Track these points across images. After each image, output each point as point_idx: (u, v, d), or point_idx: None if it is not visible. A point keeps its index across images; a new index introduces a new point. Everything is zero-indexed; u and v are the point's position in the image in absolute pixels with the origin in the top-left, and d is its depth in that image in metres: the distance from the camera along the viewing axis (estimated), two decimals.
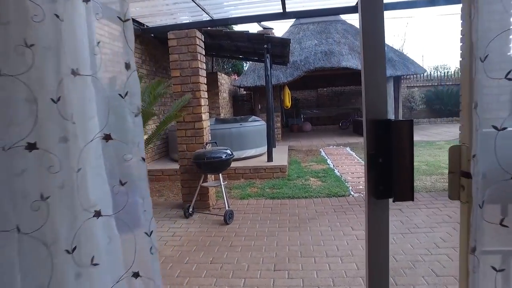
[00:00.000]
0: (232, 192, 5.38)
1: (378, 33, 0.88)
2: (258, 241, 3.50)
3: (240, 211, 4.48)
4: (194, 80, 4.40)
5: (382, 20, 0.88)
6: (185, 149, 4.57)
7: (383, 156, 0.85)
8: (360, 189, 5.18)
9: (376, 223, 0.93)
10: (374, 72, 0.88)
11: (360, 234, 3.53)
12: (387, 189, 0.86)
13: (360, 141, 10.02)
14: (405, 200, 0.84)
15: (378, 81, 0.88)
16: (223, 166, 4.17)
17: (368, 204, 0.90)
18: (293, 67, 10.39)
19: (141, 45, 6.80)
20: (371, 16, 0.86)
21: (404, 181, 0.83)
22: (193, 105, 4.46)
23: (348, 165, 7.01)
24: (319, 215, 4.15)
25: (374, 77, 0.88)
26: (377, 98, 0.89)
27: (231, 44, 7.38)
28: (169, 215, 4.45)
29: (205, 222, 4.13)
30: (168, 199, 5.26)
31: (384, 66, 0.89)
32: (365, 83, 0.88)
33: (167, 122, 3.99)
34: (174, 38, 4.38)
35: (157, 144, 7.53)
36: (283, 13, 4.54)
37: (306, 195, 4.97)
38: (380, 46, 0.88)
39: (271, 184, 5.71)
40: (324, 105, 16.22)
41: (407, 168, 0.83)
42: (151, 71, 7.28)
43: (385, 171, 0.86)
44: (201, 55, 4.52)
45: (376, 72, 0.89)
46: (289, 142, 10.42)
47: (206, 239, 3.61)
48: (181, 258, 3.20)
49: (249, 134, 6.98)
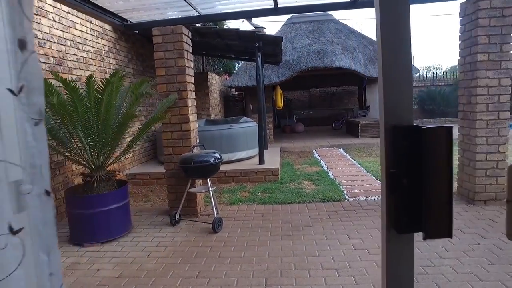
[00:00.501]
0: (222, 196, 5.13)
1: (403, 15, 0.65)
2: (249, 251, 3.26)
3: (230, 217, 4.23)
4: (181, 79, 4.14)
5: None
6: (171, 153, 4.31)
7: (409, 175, 0.63)
8: (355, 193, 4.97)
9: (398, 263, 0.70)
10: (397, 65, 0.65)
11: (357, 243, 3.31)
12: (414, 221, 0.63)
13: (353, 142, 9.84)
14: (440, 237, 0.61)
15: (403, 75, 0.65)
16: (211, 170, 3.92)
17: (387, 238, 0.67)
18: (286, 66, 10.18)
19: (127, 43, 6.51)
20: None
21: (440, 212, 0.61)
22: (180, 106, 4.20)
23: (342, 167, 6.81)
24: (313, 222, 3.93)
25: (397, 71, 0.65)
26: (400, 98, 0.65)
27: (221, 42, 7.12)
28: (155, 223, 4.19)
29: (192, 231, 3.87)
30: (154, 205, 4.99)
31: (410, 57, 0.67)
32: (384, 79, 0.65)
33: (151, 124, 3.73)
34: (159, 34, 4.12)
35: (145, 146, 7.24)
36: (275, 8, 4.31)
37: (299, 200, 4.75)
38: (406, 29, 0.65)
39: (263, 188, 5.48)
40: (317, 105, 16.07)
41: (444, 194, 0.60)
42: (138, 70, 6.99)
43: (412, 196, 0.63)
44: (188, 53, 4.26)
45: (399, 64, 0.66)
46: (282, 144, 10.20)
47: (192, 250, 3.36)
48: (165, 271, 2.95)
49: (240, 136, 6.74)
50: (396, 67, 0.65)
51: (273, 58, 8.64)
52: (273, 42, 6.76)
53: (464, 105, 4.23)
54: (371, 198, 4.70)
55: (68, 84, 3.07)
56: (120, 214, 3.73)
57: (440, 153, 0.59)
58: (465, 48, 4.15)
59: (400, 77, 0.65)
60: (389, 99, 0.65)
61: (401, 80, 0.65)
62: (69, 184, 4.52)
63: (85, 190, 3.66)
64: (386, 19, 0.65)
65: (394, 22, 0.65)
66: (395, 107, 0.65)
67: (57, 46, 4.38)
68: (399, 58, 0.65)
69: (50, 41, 4.24)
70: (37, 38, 3.99)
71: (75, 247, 3.52)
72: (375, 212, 4.15)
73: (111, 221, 3.64)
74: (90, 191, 3.63)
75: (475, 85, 3.98)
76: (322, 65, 9.79)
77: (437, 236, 0.61)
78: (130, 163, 6.47)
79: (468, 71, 4.11)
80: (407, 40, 0.64)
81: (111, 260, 3.21)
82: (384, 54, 0.65)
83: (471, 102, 4.08)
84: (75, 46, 4.79)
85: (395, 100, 0.65)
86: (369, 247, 3.20)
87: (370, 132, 10.75)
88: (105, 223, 3.60)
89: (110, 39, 5.84)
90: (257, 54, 6.61)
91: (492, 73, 3.92)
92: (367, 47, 10.79)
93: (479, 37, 3.88)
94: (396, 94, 0.64)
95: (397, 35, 0.64)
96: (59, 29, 4.42)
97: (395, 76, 0.65)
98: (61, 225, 4.13)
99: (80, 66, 4.93)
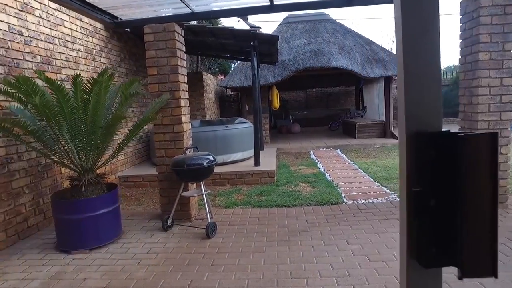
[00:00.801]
0: (216, 200, 4.98)
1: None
2: (243, 258, 3.12)
3: (225, 222, 4.09)
4: (173, 79, 3.99)
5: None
6: (164, 155, 4.15)
7: (438, 195, 0.49)
8: (353, 195, 4.85)
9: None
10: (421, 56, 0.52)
11: (356, 249, 3.18)
12: (444, 252, 0.50)
13: (350, 143, 9.73)
14: (481, 276, 0.48)
15: (430, 69, 0.52)
16: (204, 174, 3.78)
17: (408, 272, 0.53)
18: (282, 66, 10.05)
19: (119, 42, 6.34)
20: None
21: (482, 243, 0.47)
22: (172, 107, 4.05)
23: (340, 168, 6.69)
24: (310, 227, 3.79)
25: (422, 64, 0.52)
26: (426, 98, 0.52)
27: (216, 41, 6.98)
28: (146, 228, 4.03)
29: (185, 236, 3.72)
30: (147, 208, 4.83)
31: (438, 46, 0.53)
32: (405, 74, 0.52)
33: (141, 126, 3.57)
34: (151, 32, 3.97)
35: (138, 147, 7.07)
36: (270, 6, 4.17)
37: (296, 203, 4.61)
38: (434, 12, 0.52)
39: (259, 190, 5.34)
40: (313, 106, 15.96)
41: (487, 220, 0.47)
42: (131, 70, 6.82)
43: (442, 221, 0.49)
44: (181, 52, 4.11)
45: (424, 56, 0.52)
46: (278, 144, 10.07)
47: (185, 257, 3.21)
48: (155, 281, 2.80)
49: (236, 137, 6.59)
50: (420, 59, 0.52)
51: (269, 58, 8.50)
52: (268, 41, 6.63)
53: (465, 105, 4.12)
54: (369, 201, 4.58)
55: (53, 83, 2.92)
56: (109, 219, 3.57)
57: (482, 167, 0.45)
58: (465, 47, 4.04)
59: (425, 72, 0.52)
60: (411, 99, 0.51)
61: (427, 75, 0.51)
62: (58, 187, 4.35)
63: (72, 194, 3.51)
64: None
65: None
66: (420, 108, 0.51)
67: (45, 44, 4.22)
68: (424, 47, 0.52)
69: (37, 39, 4.08)
70: (22, 35, 3.82)
71: (62, 255, 3.36)
72: (374, 216, 4.02)
73: (100, 227, 3.49)
74: (78, 195, 3.47)
75: (476, 85, 3.87)
76: (318, 65, 9.66)
77: (477, 274, 0.47)
78: (123, 165, 6.31)
79: (469, 71, 4.00)
80: (435, 23, 0.51)
81: (99, 268, 3.05)
82: (405, 42, 0.52)
83: (472, 102, 3.97)
84: (64, 45, 4.62)
85: (419, 100, 0.51)
86: (369, 254, 3.07)
87: (367, 133, 10.65)
88: (93, 229, 3.44)
89: (101, 37, 5.68)
90: (253, 53, 6.47)
91: (493, 72, 3.82)
92: (364, 47, 10.69)
93: (480, 35, 3.77)
94: (421, 92, 0.51)
95: (422, 16, 0.51)
96: (46, 26, 4.26)
97: (419, 71, 0.51)
98: (48, 231, 3.97)
99: (70, 65, 4.77)
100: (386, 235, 3.44)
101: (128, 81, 3.78)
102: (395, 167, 6.46)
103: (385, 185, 5.26)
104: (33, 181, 3.94)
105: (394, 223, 3.76)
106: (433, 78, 0.52)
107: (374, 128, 10.73)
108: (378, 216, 3.99)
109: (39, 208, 4.03)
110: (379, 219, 3.89)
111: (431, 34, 0.51)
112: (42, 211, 4.08)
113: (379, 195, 4.78)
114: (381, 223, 3.79)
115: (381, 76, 10.10)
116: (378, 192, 4.94)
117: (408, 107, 0.52)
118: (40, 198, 4.05)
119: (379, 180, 5.60)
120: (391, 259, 2.95)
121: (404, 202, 0.52)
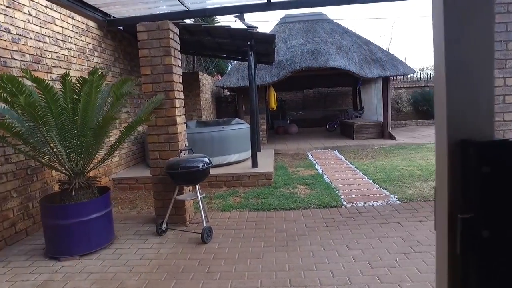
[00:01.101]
0: (212, 202, 4.86)
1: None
2: (240, 265, 3.00)
3: (221, 226, 3.97)
4: (167, 79, 3.87)
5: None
6: (158, 157, 4.03)
7: (493, 224, 0.38)
8: (353, 198, 4.74)
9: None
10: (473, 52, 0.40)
11: (357, 254, 3.07)
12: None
13: (348, 144, 9.64)
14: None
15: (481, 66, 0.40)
16: (199, 176, 3.65)
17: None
18: (279, 67, 9.94)
19: (113, 41, 6.21)
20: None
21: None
22: (166, 107, 3.92)
23: (338, 170, 6.59)
24: (309, 231, 3.68)
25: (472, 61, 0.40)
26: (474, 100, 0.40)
27: (212, 41, 6.85)
28: (140, 232, 3.90)
29: (180, 241, 3.60)
30: (141, 212, 4.70)
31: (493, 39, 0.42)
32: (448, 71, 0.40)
33: (134, 127, 3.44)
34: (144, 30, 3.85)
35: (133, 149, 6.93)
36: (268, 3, 4.05)
37: (294, 206, 4.50)
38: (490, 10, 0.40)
39: (256, 193, 5.22)
40: (311, 106, 15.86)
41: None
42: (125, 70, 6.68)
43: (499, 258, 0.38)
44: (175, 51, 3.99)
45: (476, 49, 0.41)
46: (275, 145, 9.96)
47: (179, 264, 3.09)
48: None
49: (232, 138, 6.47)
50: (468, 50, 0.40)
51: (266, 58, 8.39)
52: (266, 40, 6.52)
53: None
54: (369, 204, 4.47)
55: (40, 82, 2.78)
56: (101, 224, 3.44)
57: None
58: None
59: (474, 67, 0.40)
60: (455, 100, 0.40)
61: (477, 70, 0.40)
62: (49, 191, 4.21)
63: (62, 198, 3.37)
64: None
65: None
66: (466, 111, 0.39)
67: (34, 43, 4.08)
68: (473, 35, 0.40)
69: (26, 37, 3.94)
70: (9, 33, 3.68)
71: (51, 261, 3.22)
72: (374, 219, 3.92)
73: (91, 232, 3.35)
74: (67, 199, 3.33)
75: None
76: (316, 65, 9.56)
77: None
78: (117, 166, 6.16)
79: None
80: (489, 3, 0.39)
81: (89, 276, 2.92)
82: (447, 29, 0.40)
83: None
84: (55, 43, 4.48)
85: (465, 101, 0.40)
86: (370, 260, 2.96)
87: (365, 134, 10.57)
88: (84, 235, 3.31)
89: (94, 36, 5.54)
90: (250, 53, 6.36)
91: (497, 72, 3.72)
92: (361, 47, 10.60)
93: None
94: (469, 92, 0.39)
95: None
96: (36, 24, 4.11)
97: (466, 66, 0.40)
98: (37, 236, 3.83)
99: (61, 64, 4.63)
100: (387, 240, 3.33)
101: (119, 80, 3.65)
102: (394, 169, 6.36)
103: (385, 187, 5.16)
104: (22, 184, 3.80)
105: (395, 227, 3.66)
106: (485, 73, 0.40)
107: (372, 129, 10.65)
108: (378, 220, 3.89)
109: (28, 212, 3.89)
110: (380, 223, 3.79)
111: (483, 18, 0.40)
112: (32, 216, 3.94)
113: (379, 198, 4.68)
114: (382, 227, 3.68)
115: (379, 77, 10.02)
116: (378, 195, 4.84)
117: (451, 110, 0.40)
118: (29, 202, 3.90)
119: (379, 182, 5.50)
120: (394, 265, 2.84)
121: (445, 231, 0.40)
